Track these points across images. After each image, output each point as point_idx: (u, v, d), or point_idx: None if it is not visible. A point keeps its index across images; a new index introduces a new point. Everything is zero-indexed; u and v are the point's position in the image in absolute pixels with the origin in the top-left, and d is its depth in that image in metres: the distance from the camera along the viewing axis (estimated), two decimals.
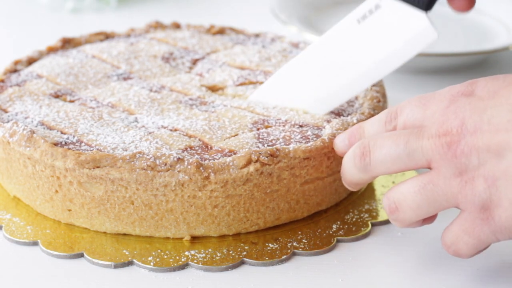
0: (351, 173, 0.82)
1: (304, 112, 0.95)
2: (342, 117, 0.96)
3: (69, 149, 0.88)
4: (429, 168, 0.77)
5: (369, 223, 0.91)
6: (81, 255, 0.86)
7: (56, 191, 0.89)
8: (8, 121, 0.94)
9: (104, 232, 0.89)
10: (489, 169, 0.73)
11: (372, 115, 0.95)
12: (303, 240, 0.89)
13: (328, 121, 0.94)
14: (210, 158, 0.87)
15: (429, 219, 0.82)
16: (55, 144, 0.89)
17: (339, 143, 0.87)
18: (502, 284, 0.83)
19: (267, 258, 0.86)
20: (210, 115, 0.95)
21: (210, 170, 0.85)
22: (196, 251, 0.87)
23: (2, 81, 1.04)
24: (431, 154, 0.76)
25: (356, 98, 1.01)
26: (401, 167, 0.78)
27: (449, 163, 0.75)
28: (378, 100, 0.99)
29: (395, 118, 0.82)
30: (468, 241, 0.77)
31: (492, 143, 0.73)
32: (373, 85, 1.02)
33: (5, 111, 0.97)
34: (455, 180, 0.75)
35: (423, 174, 0.78)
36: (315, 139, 0.90)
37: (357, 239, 0.90)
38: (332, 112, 0.96)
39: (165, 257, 0.86)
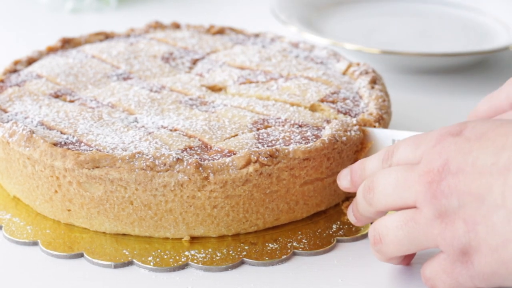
0: (362, 206, 0.82)
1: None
2: (349, 116, 0.96)
3: (68, 149, 0.88)
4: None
5: (369, 223, 0.91)
6: (81, 255, 0.86)
7: (56, 191, 0.89)
8: (7, 121, 0.94)
9: (104, 232, 0.89)
10: (469, 213, 0.71)
11: (380, 116, 0.95)
12: (303, 240, 0.89)
13: (328, 121, 0.94)
14: (210, 158, 0.87)
15: (407, 259, 0.83)
16: (55, 144, 0.89)
17: (342, 179, 0.87)
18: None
19: (267, 258, 0.86)
20: (210, 115, 0.95)
21: (209, 171, 0.84)
22: (196, 251, 0.87)
23: (2, 81, 1.04)
24: (415, 193, 0.75)
25: (361, 97, 1.01)
26: (393, 205, 0.78)
27: (430, 203, 0.73)
28: (383, 100, 0.99)
29: (391, 157, 0.81)
30: (446, 280, 0.75)
31: (474, 186, 0.70)
32: (376, 85, 1.02)
33: (5, 111, 0.97)
34: (435, 221, 0.73)
35: (408, 210, 0.76)
36: (314, 139, 0.90)
37: (357, 239, 0.90)
38: (339, 111, 0.96)
39: (165, 257, 0.86)
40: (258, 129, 0.93)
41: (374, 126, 0.94)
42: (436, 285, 0.77)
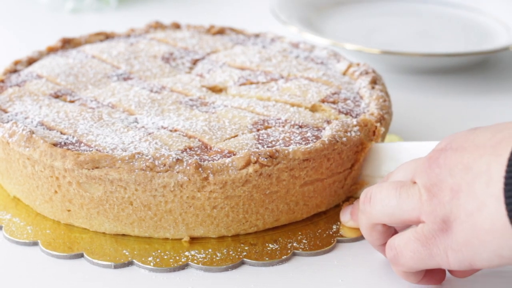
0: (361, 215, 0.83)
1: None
2: (350, 116, 0.96)
3: (68, 149, 0.88)
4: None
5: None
6: (81, 255, 0.87)
7: (56, 192, 0.89)
8: (7, 121, 0.94)
9: (103, 233, 0.89)
10: (456, 182, 0.72)
11: (382, 116, 0.95)
12: (303, 241, 0.89)
13: (328, 122, 0.94)
14: (210, 159, 0.87)
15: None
16: (55, 145, 0.89)
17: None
18: (502, 284, 0.83)
19: (267, 259, 0.86)
20: (210, 116, 0.95)
21: (209, 171, 0.84)
22: (196, 251, 0.87)
23: (2, 81, 1.04)
24: (413, 171, 0.77)
25: (362, 97, 1.01)
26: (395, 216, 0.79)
27: (424, 173, 0.75)
28: (384, 100, 0.99)
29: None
30: (417, 249, 0.75)
31: (466, 157, 0.72)
32: (376, 85, 1.02)
33: (5, 111, 0.97)
34: (424, 192, 0.74)
35: (403, 181, 0.79)
36: (314, 140, 0.90)
37: (357, 239, 0.90)
38: (340, 112, 0.96)
39: (165, 257, 0.86)
40: (258, 130, 0.93)
41: (376, 127, 0.94)
42: (403, 255, 0.77)
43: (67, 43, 1.15)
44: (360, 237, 0.90)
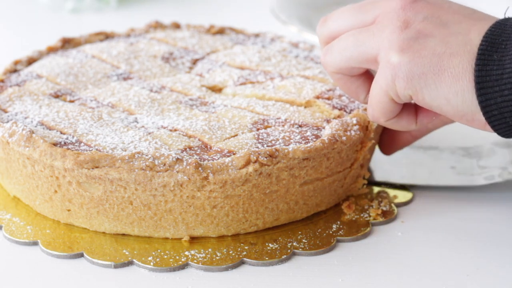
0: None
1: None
2: (345, 113, 0.95)
3: (68, 149, 0.88)
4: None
5: (369, 223, 0.91)
6: (81, 255, 0.87)
7: (55, 191, 0.89)
8: (7, 121, 0.94)
9: (103, 232, 0.89)
10: (428, 27, 0.76)
11: None
12: (303, 240, 0.89)
13: (328, 121, 0.94)
14: (209, 158, 0.87)
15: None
16: (55, 144, 0.89)
17: None
18: (502, 284, 0.83)
19: (267, 258, 0.86)
20: (210, 116, 0.95)
21: (209, 171, 0.85)
22: (196, 251, 0.87)
23: (2, 81, 1.04)
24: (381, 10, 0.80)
25: None
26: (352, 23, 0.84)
27: (395, 13, 0.78)
28: None
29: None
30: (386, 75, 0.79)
31: (446, 18, 0.77)
32: None
33: (5, 111, 0.97)
34: (396, 28, 0.78)
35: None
36: (314, 139, 0.90)
37: (357, 239, 0.90)
38: (335, 107, 0.96)
39: (165, 257, 0.86)
40: (258, 129, 0.93)
41: (368, 122, 0.93)
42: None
43: (67, 43, 1.15)
44: (360, 237, 0.90)
